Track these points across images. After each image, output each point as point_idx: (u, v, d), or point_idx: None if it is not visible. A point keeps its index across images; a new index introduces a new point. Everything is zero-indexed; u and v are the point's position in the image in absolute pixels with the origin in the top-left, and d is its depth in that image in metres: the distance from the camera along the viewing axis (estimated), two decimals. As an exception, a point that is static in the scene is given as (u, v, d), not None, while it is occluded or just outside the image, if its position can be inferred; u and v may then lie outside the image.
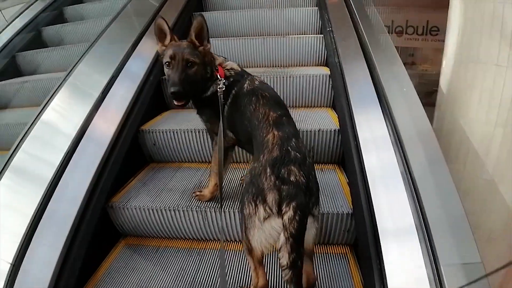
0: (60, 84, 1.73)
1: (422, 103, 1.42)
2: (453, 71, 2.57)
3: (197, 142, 1.92)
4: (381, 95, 1.54)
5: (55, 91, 1.68)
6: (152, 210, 1.54)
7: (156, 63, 2.15)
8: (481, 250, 0.93)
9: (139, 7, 2.62)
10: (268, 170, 1.01)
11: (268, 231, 0.99)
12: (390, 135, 1.33)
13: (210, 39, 1.30)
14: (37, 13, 3.34)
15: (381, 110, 1.47)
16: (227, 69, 1.40)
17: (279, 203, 0.96)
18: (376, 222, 1.15)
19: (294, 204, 0.94)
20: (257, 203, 1.00)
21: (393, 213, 1.16)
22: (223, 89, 1.32)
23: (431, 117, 1.34)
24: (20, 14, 3.28)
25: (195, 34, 1.30)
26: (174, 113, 2.30)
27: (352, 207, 1.45)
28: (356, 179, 1.37)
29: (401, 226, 1.12)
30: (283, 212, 0.95)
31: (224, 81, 1.33)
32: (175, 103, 1.29)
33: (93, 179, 1.45)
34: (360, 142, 1.40)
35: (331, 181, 1.69)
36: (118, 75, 1.89)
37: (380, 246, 1.08)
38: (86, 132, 1.56)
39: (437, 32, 5.12)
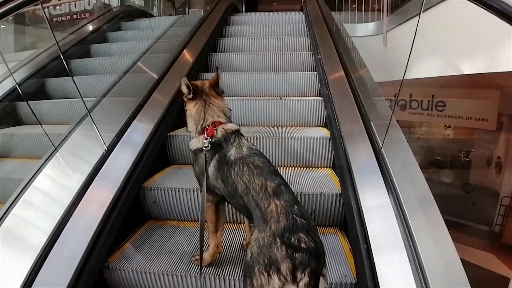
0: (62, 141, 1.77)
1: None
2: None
3: (197, 201, 1.91)
4: (380, 161, 1.60)
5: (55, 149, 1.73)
6: (149, 273, 1.48)
7: (163, 120, 2.23)
8: None
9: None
10: (278, 240, 1.05)
11: None
12: (392, 205, 1.36)
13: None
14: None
15: (382, 178, 1.51)
16: (217, 130, 1.43)
17: (293, 271, 1.00)
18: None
19: (308, 270, 1.00)
20: (270, 273, 1.02)
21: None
22: (208, 147, 1.38)
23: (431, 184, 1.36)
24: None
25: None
26: (176, 169, 2.33)
27: (355, 277, 1.41)
28: (360, 248, 1.36)
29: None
30: (298, 279, 1.00)
31: (209, 139, 1.39)
32: None
33: (91, 241, 1.41)
34: (363, 211, 1.42)
35: (333, 247, 1.66)
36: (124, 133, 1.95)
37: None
38: (88, 190, 1.57)
39: (443, 107, 5.14)
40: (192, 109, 1.48)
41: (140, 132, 2.06)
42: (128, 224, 1.81)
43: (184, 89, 1.47)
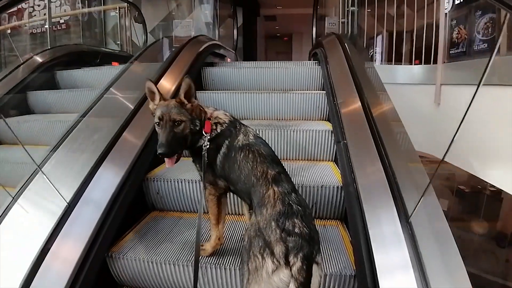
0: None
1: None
2: None
3: (200, 192, 1.93)
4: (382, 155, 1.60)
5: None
6: (151, 262, 1.51)
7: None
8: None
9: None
10: (273, 223, 1.08)
11: (276, 283, 1.02)
12: (392, 198, 1.36)
13: (219, 92, 1.33)
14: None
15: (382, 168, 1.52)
16: (215, 120, 1.42)
17: (286, 254, 1.02)
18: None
19: (301, 254, 1.01)
20: (264, 255, 1.04)
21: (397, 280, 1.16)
22: (207, 146, 1.36)
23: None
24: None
25: (183, 94, 1.35)
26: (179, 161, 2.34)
27: (355, 268, 1.42)
28: (359, 241, 1.37)
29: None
30: (291, 263, 1.01)
31: (208, 137, 1.38)
32: (166, 164, 1.35)
33: (94, 232, 1.44)
34: (363, 204, 1.42)
35: (334, 239, 1.68)
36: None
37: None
38: (93, 179, 1.60)
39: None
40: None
41: (141, 128, 2.05)
42: (131, 214, 1.84)
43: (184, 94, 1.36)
